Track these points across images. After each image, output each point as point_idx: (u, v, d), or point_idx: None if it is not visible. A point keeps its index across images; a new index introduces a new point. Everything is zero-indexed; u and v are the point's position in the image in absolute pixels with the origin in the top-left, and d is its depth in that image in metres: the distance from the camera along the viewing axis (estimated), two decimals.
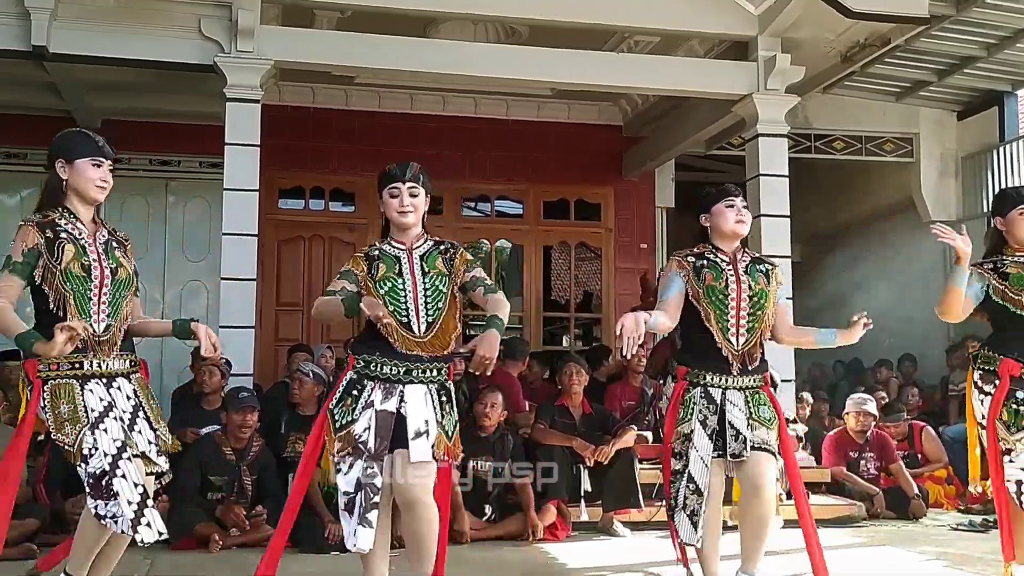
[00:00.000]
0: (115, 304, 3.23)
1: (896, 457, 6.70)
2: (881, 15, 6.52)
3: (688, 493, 3.62)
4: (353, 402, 3.34)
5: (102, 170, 3.29)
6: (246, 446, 5.36)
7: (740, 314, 3.66)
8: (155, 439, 3.27)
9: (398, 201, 3.45)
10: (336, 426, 3.34)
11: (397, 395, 3.34)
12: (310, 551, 5.05)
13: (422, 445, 3.30)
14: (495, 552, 5.10)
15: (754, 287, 3.69)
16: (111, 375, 3.22)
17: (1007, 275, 3.88)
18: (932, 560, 5.00)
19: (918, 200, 9.50)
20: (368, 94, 9.09)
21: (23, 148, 8.56)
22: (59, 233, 3.19)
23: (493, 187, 9.56)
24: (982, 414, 3.91)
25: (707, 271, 3.70)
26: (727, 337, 3.65)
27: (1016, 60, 8.21)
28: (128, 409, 3.22)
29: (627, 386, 7.00)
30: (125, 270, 3.28)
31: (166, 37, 6.42)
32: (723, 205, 3.77)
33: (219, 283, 6.41)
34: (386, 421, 3.31)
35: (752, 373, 3.70)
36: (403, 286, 3.38)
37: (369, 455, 3.28)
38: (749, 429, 3.61)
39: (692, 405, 3.67)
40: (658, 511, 5.94)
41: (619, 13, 6.95)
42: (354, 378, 3.38)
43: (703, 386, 3.67)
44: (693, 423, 3.64)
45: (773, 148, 7.16)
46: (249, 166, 6.41)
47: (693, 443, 3.62)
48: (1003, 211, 3.99)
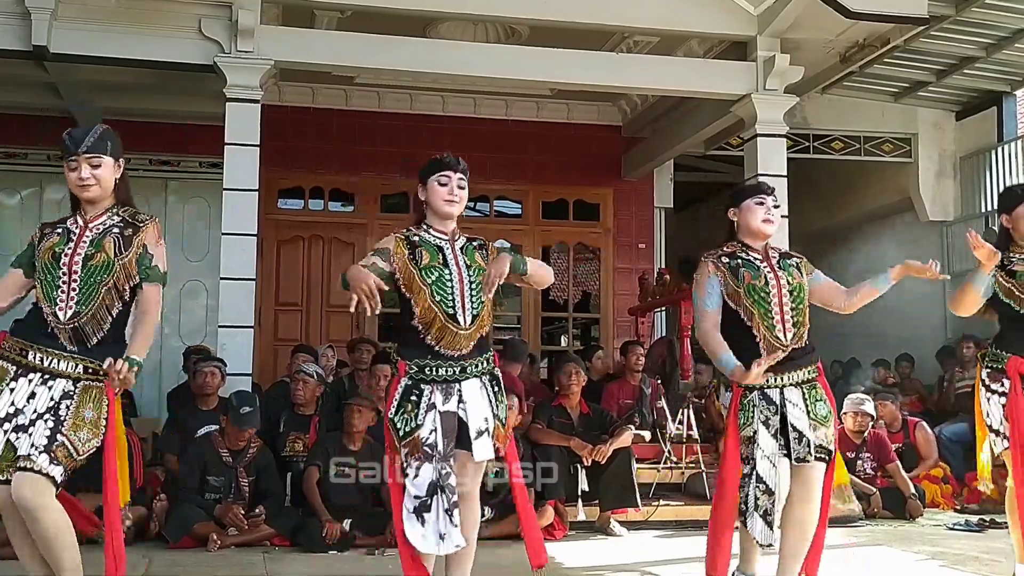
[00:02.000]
0: (87, 291, 3.10)
1: (893, 457, 6.72)
2: (880, 15, 6.54)
3: (759, 493, 3.53)
4: (414, 408, 3.28)
5: (77, 169, 3.15)
6: (243, 448, 5.37)
7: (784, 310, 3.59)
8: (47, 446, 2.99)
9: (447, 189, 3.41)
10: (400, 434, 3.28)
11: (456, 394, 3.32)
12: (309, 550, 5.06)
13: (485, 444, 3.32)
14: (494, 552, 5.10)
15: (792, 281, 3.64)
16: (52, 373, 3.08)
17: (1014, 273, 3.87)
18: (928, 560, 5.01)
19: (916, 200, 9.50)
20: (368, 94, 9.11)
21: (23, 148, 8.58)
22: (56, 227, 3.20)
23: (492, 187, 9.56)
24: (988, 412, 3.91)
25: (744, 270, 3.62)
26: (775, 334, 3.57)
27: (1014, 61, 8.22)
28: (40, 410, 3.04)
29: (625, 384, 7.02)
30: (104, 255, 3.13)
31: (166, 37, 6.43)
32: (753, 202, 3.69)
33: (219, 283, 6.42)
34: (451, 422, 3.30)
35: (804, 366, 3.63)
36: (450, 277, 3.33)
37: (439, 457, 3.25)
38: (811, 430, 3.56)
39: (752, 408, 3.57)
40: (655, 511, 5.98)
41: (619, 13, 6.97)
42: (409, 384, 3.31)
43: (760, 388, 3.58)
44: (755, 424, 3.55)
45: (772, 148, 7.17)
46: (249, 166, 6.42)
47: (758, 444, 3.54)
48: (1010, 208, 3.97)
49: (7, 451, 3.00)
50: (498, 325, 3.49)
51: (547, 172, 9.55)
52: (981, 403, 3.95)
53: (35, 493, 2.98)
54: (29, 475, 2.97)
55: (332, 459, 5.32)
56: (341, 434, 5.51)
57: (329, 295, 9.00)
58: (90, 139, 3.18)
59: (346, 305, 3.28)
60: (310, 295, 9.07)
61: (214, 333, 6.48)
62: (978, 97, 9.11)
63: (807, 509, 3.59)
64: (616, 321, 9.59)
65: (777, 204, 3.74)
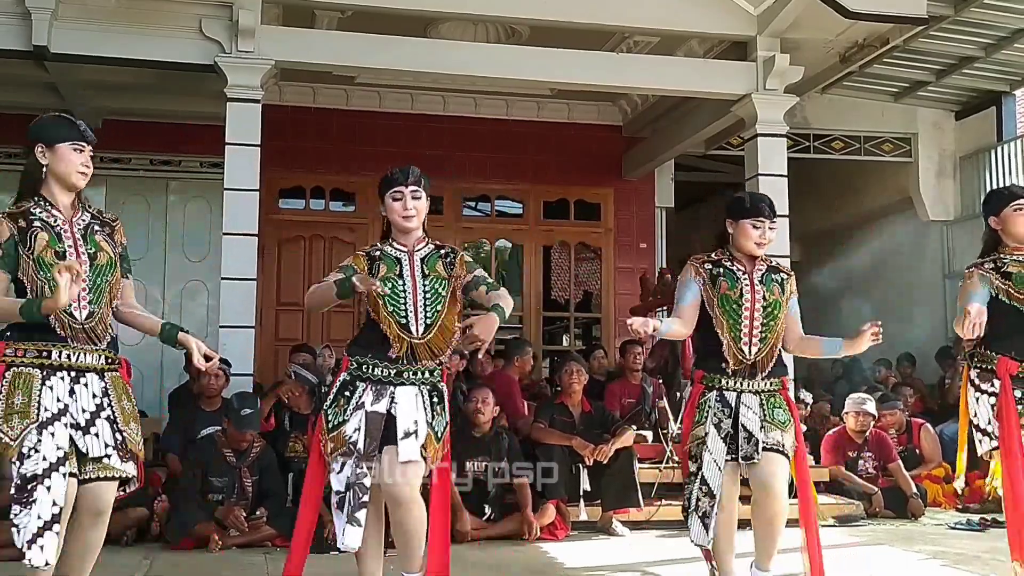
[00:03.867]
0: (97, 290, 3.12)
1: (895, 456, 6.72)
2: (879, 15, 6.54)
3: (701, 495, 3.62)
4: (345, 403, 3.38)
5: (84, 155, 3.18)
6: (247, 448, 5.37)
7: (753, 324, 3.64)
8: (116, 443, 3.09)
9: (401, 205, 3.47)
10: (329, 426, 3.39)
11: (388, 396, 3.38)
12: (311, 551, 5.05)
13: (410, 445, 3.33)
14: (494, 552, 5.11)
15: (768, 297, 3.69)
16: (80, 369, 3.09)
17: (1009, 274, 3.89)
18: (930, 559, 5.02)
19: (916, 200, 9.52)
20: (368, 94, 9.11)
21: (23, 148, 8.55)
22: (32, 222, 3.09)
23: (493, 187, 9.57)
24: (975, 411, 3.94)
25: (722, 279, 3.70)
26: (739, 346, 3.63)
27: (1014, 60, 8.22)
28: (90, 409, 3.08)
29: (627, 384, 7.02)
30: (106, 254, 3.16)
31: (167, 37, 6.42)
32: (748, 223, 3.73)
33: (219, 283, 6.42)
34: (376, 422, 3.35)
35: (768, 378, 3.68)
36: (403, 287, 3.41)
37: (359, 455, 3.32)
38: (762, 431, 3.60)
39: (707, 408, 3.66)
40: (657, 510, 5.97)
41: (619, 13, 6.97)
42: (347, 379, 3.42)
43: (718, 390, 3.67)
44: (707, 426, 3.64)
45: (772, 148, 7.17)
46: (249, 166, 6.42)
47: (707, 446, 3.62)
48: (996, 210, 4.01)
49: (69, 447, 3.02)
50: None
51: (548, 172, 9.55)
52: (969, 403, 3.99)
53: (112, 498, 3.15)
54: (111, 482, 3.11)
55: None
56: None
57: None
58: (90, 132, 3.28)
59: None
60: None
61: (215, 333, 6.48)
62: (978, 97, 9.12)
63: (766, 503, 3.63)
64: (617, 321, 9.59)
65: (774, 225, 3.77)
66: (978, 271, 3.96)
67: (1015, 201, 3.97)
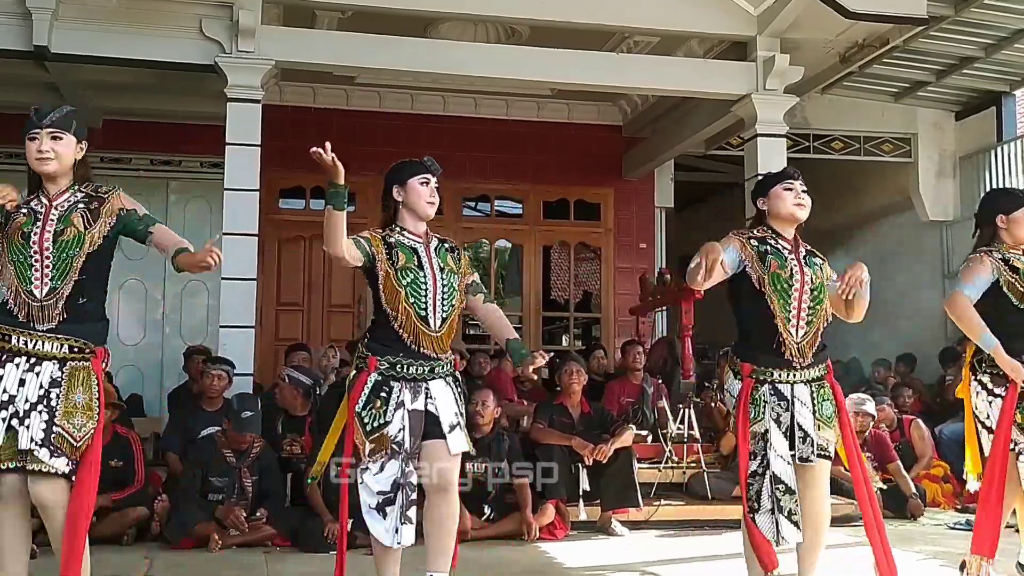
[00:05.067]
0: (61, 266, 3.11)
1: (894, 456, 6.71)
2: (879, 16, 6.55)
3: (780, 494, 3.47)
4: (383, 404, 3.34)
5: (37, 141, 3.21)
6: (246, 448, 5.37)
7: (802, 306, 3.53)
8: (45, 438, 3.00)
9: (428, 190, 3.51)
10: (367, 429, 3.34)
11: (423, 393, 3.39)
12: (310, 551, 5.06)
13: (458, 437, 3.40)
14: (494, 552, 5.11)
15: (815, 280, 3.57)
16: (38, 356, 3.06)
17: (1016, 268, 3.88)
18: (929, 559, 5.03)
19: (916, 200, 9.51)
20: (369, 94, 9.12)
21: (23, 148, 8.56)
22: (20, 209, 3.18)
23: (493, 187, 9.58)
24: (988, 414, 3.92)
25: (772, 258, 3.53)
26: (788, 327, 3.51)
27: (1014, 60, 8.22)
28: (32, 400, 3.03)
29: (627, 383, 7.02)
30: (74, 230, 3.14)
31: (167, 37, 6.44)
32: (781, 188, 3.62)
33: (220, 283, 6.42)
34: (418, 420, 3.37)
35: (814, 364, 3.59)
36: (424, 279, 3.41)
37: (405, 455, 3.33)
38: (815, 429, 3.53)
39: (763, 403, 3.52)
40: (656, 510, 5.98)
41: (619, 13, 6.98)
42: (379, 380, 3.37)
43: (771, 383, 3.53)
44: (767, 422, 3.50)
45: (772, 148, 7.18)
46: (250, 166, 6.43)
47: (771, 443, 3.49)
48: (1009, 209, 3.99)
49: (8, 439, 3.00)
50: None
51: (548, 172, 9.56)
52: (978, 404, 3.96)
53: (52, 492, 3.04)
54: (44, 477, 3.02)
55: (332, 459, 5.30)
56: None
57: (330, 295, 9.00)
58: (55, 115, 3.25)
59: (348, 305, 3.33)
60: (311, 295, 9.07)
61: (215, 333, 6.49)
62: (978, 97, 9.11)
63: (819, 507, 3.59)
64: (617, 321, 9.60)
65: (806, 188, 3.65)
66: (989, 257, 3.91)
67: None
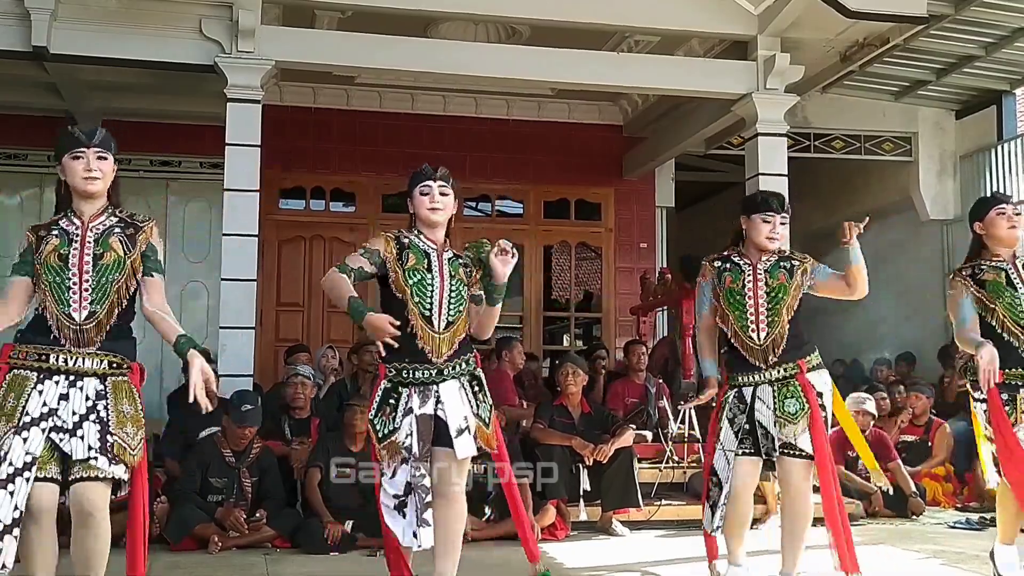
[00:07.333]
0: (100, 290, 3.10)
1: (895, 456, 6.71)
2: (880, 15, 6.55)
3: (711, 486, 3.80)
4: (392, 411, 3.43)
5: (84, 160, 3.16)
6: (246, 448, 5.37)
7: (759, 310, 3.77)
8: (103, 447, 3.02)
9: (428, 198, 3.57)
10: (379, 436, 3.43)
11: (433, 396, 3.43)
12: (310, 551, 5.06)
13: (465, 442, 3.43)
14: (494, 552, 5.11)
15: (772, 283, 3.80)
16: (78, 373, 3.06)
17: (983, 283, 3.95)
18: (929, 558, 5.02)
19: (917, 199, 9.51)
20: (369, 94, 9.11)
21: (23, 148, 8.58)
22: (51, 230, 3.16)
23: (494, 187, 9.57)
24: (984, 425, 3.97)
25: (727, 274, 3.86)
26: (748, 334, 3.77)
27: (1014, 59, 8.22)
28: (80, 412, 3.03)
29: (631, 383, 7.02)
30: (114, 254, 3.14)
31: (167, 37, 6.43)
32: (760, 218, 3.86)
33: (219, 284, 6.42)
34: (427, 424, 3.41)
35: (781, 363, 3.75)
36: (431, 282, 3.48)
37: (414, 460, 3.39)
38: (776, 427, 3.71)
39: (725, 406, 3.82)
40: (657, 510, 5.97)
41: (619, 13, 6.97)
42: (388, 387, 3.47)
43: (737, 387, 3.82)
44: (722, 421, 3.81)
45: (772, 147, 7.18)
46: (249, 166, 6.42)
47: (719, 439, 3.80)
48: (980, 215, 4.07)
49: (48, 451, 3.00)
50: (500, 325, 3.66)
51: (548, 172, 9.55)
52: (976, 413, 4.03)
53: (101, 497, 3.06)
54: (95, 483, 3.02)
55: (332, 459, 5.31)
56: (342, 435, 5.51)
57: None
58: (100, 134, 3.24)
59: None
60: (311, 295, 9.06)
61: (215, 334, 6.48)
62: (978, 96, 9.11)
63: (793, 502, 3.78)
64: (618, 321, 9.60)
65: (785, 220, 3.90)
66: (958, 277, 4.03)
67: (998, 205, 4.04)
